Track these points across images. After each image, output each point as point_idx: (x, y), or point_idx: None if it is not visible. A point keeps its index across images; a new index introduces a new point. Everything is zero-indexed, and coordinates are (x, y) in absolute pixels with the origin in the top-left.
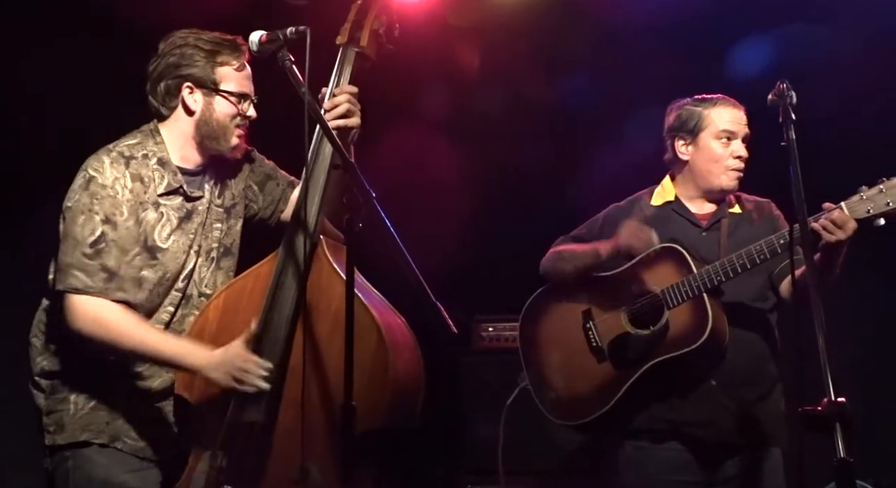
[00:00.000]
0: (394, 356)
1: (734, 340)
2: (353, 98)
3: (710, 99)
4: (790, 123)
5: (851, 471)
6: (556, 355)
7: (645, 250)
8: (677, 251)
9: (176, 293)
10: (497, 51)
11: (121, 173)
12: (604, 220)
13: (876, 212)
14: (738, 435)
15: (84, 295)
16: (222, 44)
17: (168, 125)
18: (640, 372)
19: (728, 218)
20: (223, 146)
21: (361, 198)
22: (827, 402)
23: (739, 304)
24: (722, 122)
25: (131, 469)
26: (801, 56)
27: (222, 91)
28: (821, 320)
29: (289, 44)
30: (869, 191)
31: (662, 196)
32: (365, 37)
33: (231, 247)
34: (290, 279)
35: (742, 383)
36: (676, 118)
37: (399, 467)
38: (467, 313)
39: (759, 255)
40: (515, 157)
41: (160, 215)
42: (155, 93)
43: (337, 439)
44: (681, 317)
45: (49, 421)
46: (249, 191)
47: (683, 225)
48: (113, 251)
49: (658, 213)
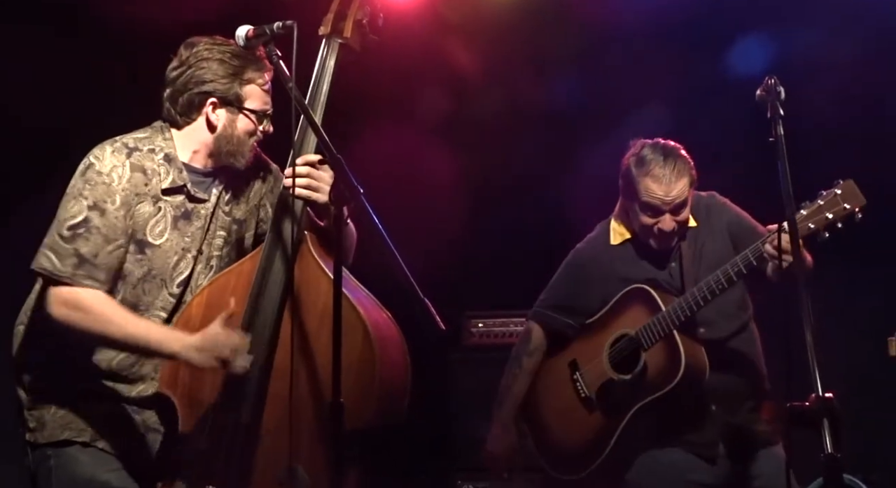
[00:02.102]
0: (380, 353)
1: (722, 361)
2: (314, 169)
3: (646, 165)
4: (778, 119)
5: (839, 467)
6: (551, 410)
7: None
8: (644, 291)
9: (170, 298)
10: (488, 49)
11: (120, 162)
12: (569, 285)
13: (818, 227)
14: (743, 444)
15: (56, 280)
16: (248, 59)
17: (182, 133)
18: (627, 418)
19: (686, 239)
20: (239, 162)
21: (349, 194)
22: (815, 398)
23: (722, 323)
24: (647, 196)
25: (115, 468)
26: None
27: (246, 109)
28: (808, 316)
29: (276, 38)
30: (809, 206)
31: (620, 234)
32: (348, 27)
33: (233, 258)
34: (275, 275)
35: (739, 398)
36: (622, 169)
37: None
38: (457, 309)
39: (718, 286)
40: (505, 155)
41: (157, 210)
42: (175, 103)
43: (324, 438)
44: (656, 357)
45: (30, 418)
46: (263, 210)
47: (647, 266)
48: (93, 238)
49: (620, 254)
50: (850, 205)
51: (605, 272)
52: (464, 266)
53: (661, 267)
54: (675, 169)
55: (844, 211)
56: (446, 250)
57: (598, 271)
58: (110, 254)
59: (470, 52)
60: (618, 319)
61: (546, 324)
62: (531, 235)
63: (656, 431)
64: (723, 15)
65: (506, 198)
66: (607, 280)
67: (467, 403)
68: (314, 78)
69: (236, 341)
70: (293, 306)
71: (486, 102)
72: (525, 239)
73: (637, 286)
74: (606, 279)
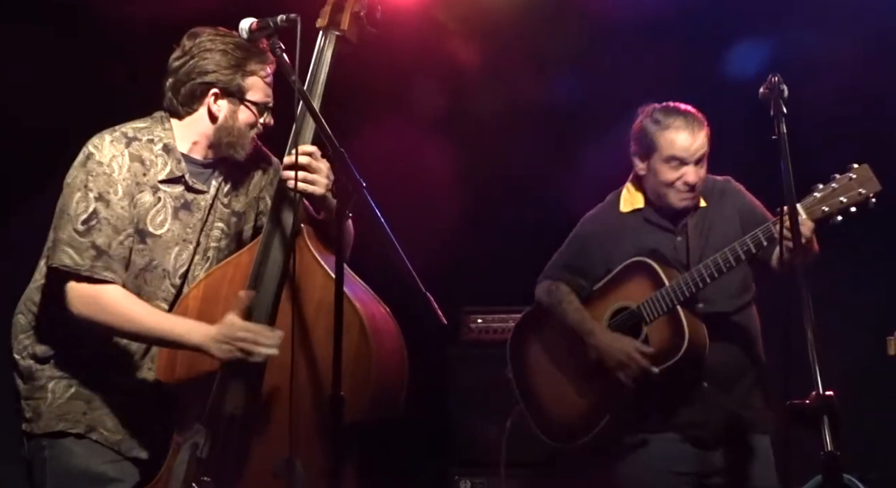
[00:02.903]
0: (377, 346)
1: (719, 339)
2: (313, 160)
3: (665, 120)
4: (781, 117)
5: (838, 465)
6: (547, 377)
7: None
8: (647, 264)
9: (172, 289)
10: (487, 45)
11: (119, 152)
12: (582, 245)
13: (831, 211)
14: (732, 429)
15: (75, 276)
16: (251, 51)
17: (183, 123)
18: (624, 391)
19: (694, 217)
20: (239, 153)
21: (351, 187)
22: (815, 396)
23: (722, 302)
24: (671, 148)
25: (110, 460)
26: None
27: (248, 101)
28: (809, 313)
29: (279, 32)
30: (823, 190)
31: (631, 202)
32: (346, 20)
33: (231, 250)
34: (271, 268)
35: (731, 380)
36: (634, 132)
37: (385, 460)
38: (456, 305)
39: (726, 264)
40: (504, 150)
41: (157, 200)
42: (177, 93)
43: (320, 431)
44: (658, 332)
45: (26, 408)
46: (262, 203)
47: (657, 234)
48: (105, 229)
49: (629, 221)
50: (865, 190)
51: (612, 239)
52: (462, 262)
53: (668, 240)
54: (696, 120)
55: (859, 196)
56: (445, 246)
57: (605, 238)
58: (121, 245)
59: (469, 48)
60: (618, 291)
61: (561, 281)
62: (530, 231)
63: (650, 405)
64: (724, 12)
65: (505, 194)
66: (613, 247)
67: (465, 399)
68: (311, 70)
69: (256, 333)
70: (289, 299)
71: (485, 98)
72: (523, 235)
73: (639, 259)
74: (612, 246)
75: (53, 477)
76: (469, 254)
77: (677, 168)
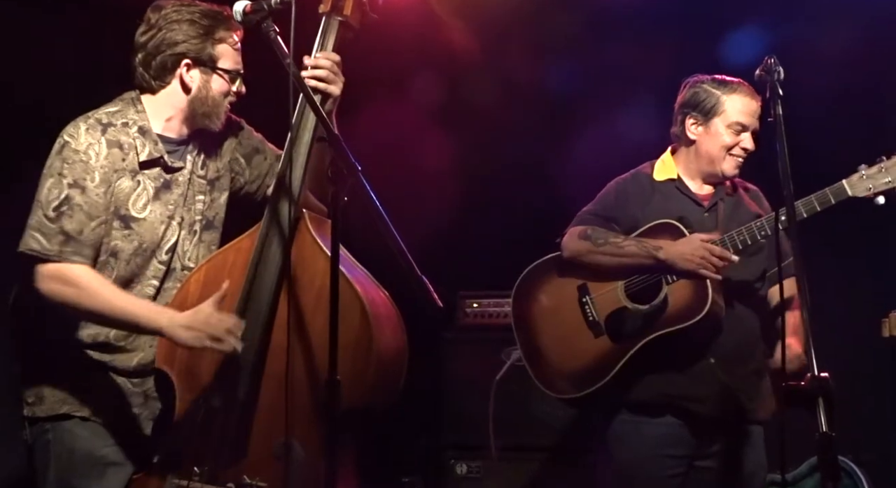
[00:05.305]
0: (377, 331)
1: (732, 318)
2: (335, 65)
3: (730, 84)
4: (777, 99)
5: (833, 446)
6: (552, 329)
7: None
8: (674, 227)
9: (160, 266)
10: (486, 32)
11: (95, 139)
12: (616, 196)
13: (876, 191)
14: (729, 411)
15: (44, 260)
16: (218, 18)
17: (157, 98)
18: (639, 345)
19: (725, 201)
20: (214, 123)
21: (347, 172)
22: (810, 377)
23: (740, 283)
24: (737, 113)
25: (112, 443)
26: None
27: (219, 69)
28: (805, 296)
29: (274, 14)
30: (869, 169)
31: (664, 172)
32: (348, 5)
33: (214, 220)
34: (273, 253)
35: (738, 360)
36: (693, 95)
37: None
38: (452, 289)
39: (760, 231)
40: (502, 136)
41: (136, 184)
42: (148, 67)
43: (320, 415)
44: (680, 292)
45: (29, 392)
46: (236, 163)
47: (686, 203)
48: (76, 215)
49: (661, 188)
50: None
51: (643, 200)
52: (458, 247)
53: (697, 211)
54: (756, 92)
55: None
56: (441, 231)
57: (636, 197)
58: (94, 231)
59: (466, 35)
60: None
61: (595, 226)
62: (526, 217)
63: (650, 371)
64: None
65: (501, 179)
66: (642, 207)
67: (461, 383)
68: (314, 54)
69: (229, 322)
70: (290, 284)
71: (482, 85)
72: (520, 220)
73: (665, 220)
74: (642, 206)
75: (57, 460)
76: (465, 239)
77: (738, 133)
